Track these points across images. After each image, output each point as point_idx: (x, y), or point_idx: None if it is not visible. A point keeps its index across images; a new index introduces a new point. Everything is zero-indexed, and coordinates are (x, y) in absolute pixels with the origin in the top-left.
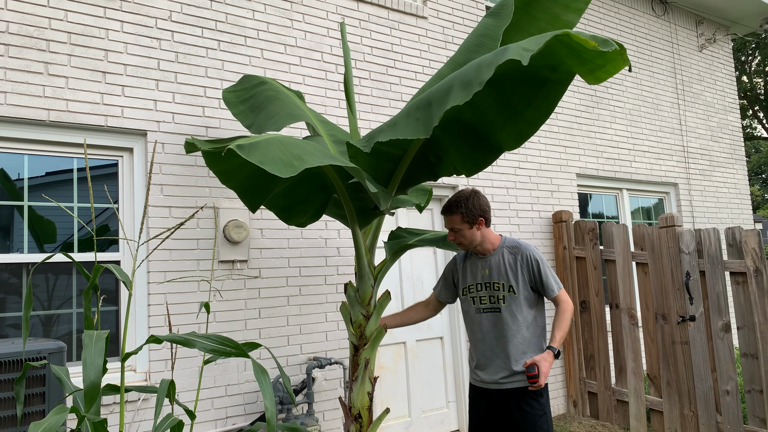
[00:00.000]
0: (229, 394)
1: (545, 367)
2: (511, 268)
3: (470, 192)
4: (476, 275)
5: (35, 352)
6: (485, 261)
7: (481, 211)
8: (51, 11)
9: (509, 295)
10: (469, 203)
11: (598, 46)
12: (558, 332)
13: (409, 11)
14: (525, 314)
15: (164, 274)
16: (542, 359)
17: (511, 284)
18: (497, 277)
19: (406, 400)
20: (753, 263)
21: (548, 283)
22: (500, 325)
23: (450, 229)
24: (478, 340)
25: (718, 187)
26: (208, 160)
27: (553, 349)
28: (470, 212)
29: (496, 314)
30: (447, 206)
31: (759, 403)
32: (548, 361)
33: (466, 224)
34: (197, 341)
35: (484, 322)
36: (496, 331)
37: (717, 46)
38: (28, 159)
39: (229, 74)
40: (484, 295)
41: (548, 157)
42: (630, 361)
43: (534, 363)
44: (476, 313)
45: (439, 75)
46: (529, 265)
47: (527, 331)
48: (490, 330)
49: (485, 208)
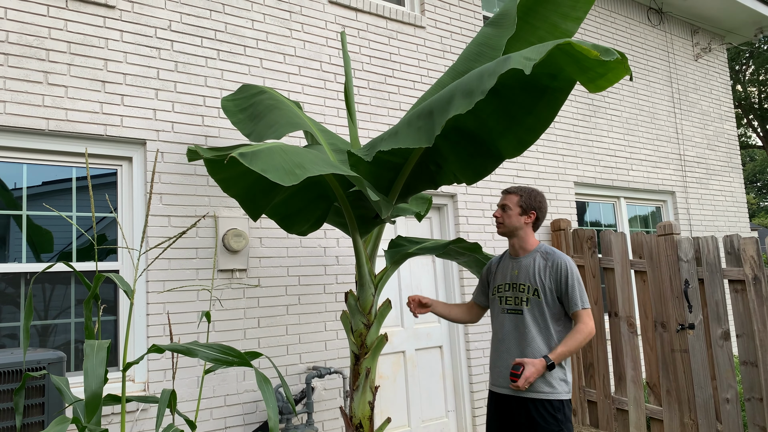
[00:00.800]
0: (228, 404)
1: (529, 372)
2: (540, 272)
3: (537, 190)
4: (506, 275)
5: (35, 363)
6: (517, 261)
7: (538, 206)
8: (51, 21)
9: (533, 299)
10: (532, 194)
11: (599, 55)
12: (562, 347)
13: (407, 21)
14: (548, 322)
15: (163, 283)
16: (531, 364)
17: (537, 288)
18: (524, 279)
19: (405, 410)
20: (751, 271)
21: (573, 295)
22: (521, 328)
23: (501, 206)
24: (498, 340)
25: (715, 195)
26: (210, 169)
27: (548, 359)
28: (529, 200)
29: (518, 316)
30: (510, 187)
31: (759, 411)
32: (536, 368)
33: (519, 208)
34: (199, 351)
35: (506, 322)
36: (516, 334)
37: (712, 56)
38: (27, 168)
39: (229, 83)
40: (510, 296)
41: (546, 165)
42: (629, 370)
43: (522, 363)
44: (500, 312)
45: (439, 84)
46: (558, 272)
47: (550, 340)
48: (511, 332)
49: (543, 209)
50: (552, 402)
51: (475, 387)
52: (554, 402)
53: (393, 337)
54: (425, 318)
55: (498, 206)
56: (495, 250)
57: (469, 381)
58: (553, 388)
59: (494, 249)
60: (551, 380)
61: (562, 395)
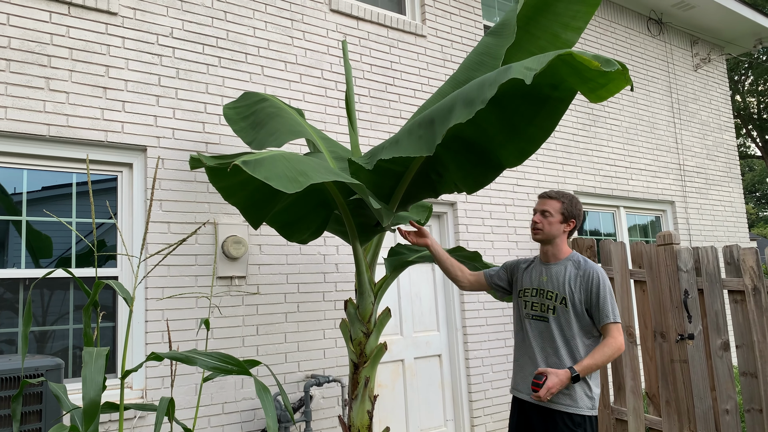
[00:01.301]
0: (226, 412)
1: (552, 383)
2: (570, 281)
3: (576, 197)
4: (534, 280)
5: (32, 369)
6: (547, 268)
7: (578, 214)
8: (53, 27)
9: (560, 307)
10: (574, 201)
11: (600, 65)
12: (588, 359)
13: (408, 30)
14: (576, 333)
15: (162, 290)
16: (555, 374)
17: (565, 296)
18: (552, 286)
19: (404, 419)
20: (751, 281)
21: (604, 307)
22: (546, 336)
23: (541, 211)
24: (522, 346)
25: (714, 205)
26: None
27: (572, 371)
28: (571, 207)
29: (544, 323)
30: (550, 192)
31: (759, 423)
32: (560, 379)
33: (560, 215)
34: (199, 358)
35: (530, 329)
36: (540, 341)
37: (712, 66)
38: (27, 174)
39: (230, 91)
40: (536, 302)
41: (546, 174)
42: (629, 380)
43: (545, 373)
44: (524, 317)
45: (440, 93)
46: (590, 282)
47: (575, 352)
48: (535, 339)
49: (581, 217)
50: (572, 416)
51: (473, 396)
52: (575, 416)
53: (392, 346)
54: (424, 326)
55: (536, 211)
56: (495, 259)
57: (468, 390)
58: (575, 402)
59: (494, 258)
60: (573, 393)
61: (583, 410)
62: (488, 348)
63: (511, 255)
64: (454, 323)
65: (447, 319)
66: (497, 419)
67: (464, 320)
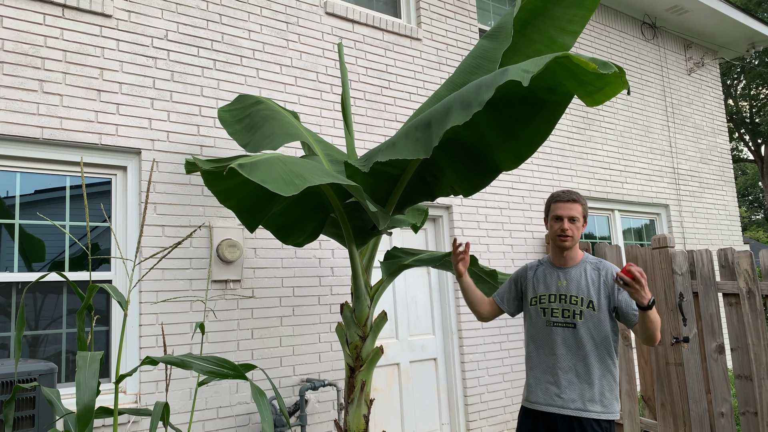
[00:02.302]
0: (221, 416)
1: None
2: (593, 283)
3: None
4: (550, 285)
5: (25, 374)
6: (564, 272)
7: (587, 213)
8: (47, 29)
9: (588, 311)
10: (584, 201)
11: (598, 68)
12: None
13: (403, 33)
14: (605, 336)
15: (156, 293)
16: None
17: (592, 299)
18: (576, 290)
19: (399, 423)
20: (746, 284)
21: (630, 306)
22: (576, 342)
23: (569, 218)
24: (542, 354)
25: (708, 209)
26: (207, 180)
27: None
28: (586, 208)
29: (571, 329)
30: (570, 194)
31: (754, 426)
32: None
33: (583, 218)
34: (194, 363)
35: (556, 337)
36: (566, 348)
37: (705, 70)
38: (21, 177)
39: (225, 93)
40: (557, 308)
41: (541, 177)
42: (624, 383)
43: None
44: (546, 325)
45: (436, 96)
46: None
47: (605, 356)
48: (560, 345)
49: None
50: (600, 422)
51: (469, 400)
52: (602, 422)
53: (387, 350)
54: (420, 330)
55: (563, 218)
56: (490, 262)
57: (464, 394)
58: (605, 408)
59: (489, 261)
60: (604, 399)
61: (612, 415)
62: (484, 351)
63: (507, 258)
64: (449, 327)
65: (443, 322)
66: (493, 423)
67: (460, 324)
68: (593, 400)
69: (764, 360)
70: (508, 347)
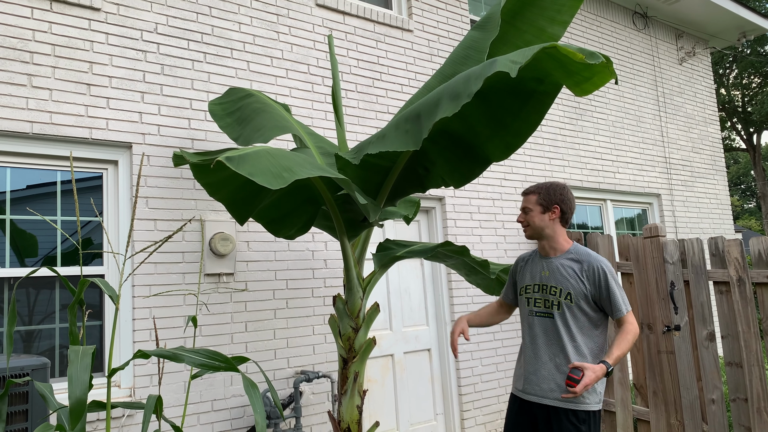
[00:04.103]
0: (216, 409)
1: (589, 379)
2: (573, 275)
3: (559, 182)
4: (534, 276)
5: (18, 369)
6: (548, 262)
7: (560, 199)
8: (35, 23)
9: (565, 303)
10: (551, 188)
11: (585, 58)
12: (617, 350)
13: (395, 24)
14: (582, 328)
15: (149, 287)
16: (591, 370)
17: (570, 291)
18: (555, 281)
19: (394, 413)
20: (736, 273)
21: (616, 300)
22: (551, 333)
23: (522, 209)
24: (526, 344)
25: (699, 198)
26: (196, 173)
27: (607, 365)
28: (548, 195)
29: (549, 320)
30: (528, 188)
31: (744, 412)
32: (596, 375)
33: (539, 206)
34: (186, 356)
35: (534, 325)
36: (546, 339)
37: (696, 60)
38: (11, 172)
39: (216, 86)
40: (539, 298)
41: (533, 168)
42: (616, 371)
43: (582, 368)
44: (528, 315)
45: (426, 87)
46: (596, 276)
47: (583, 347)
48: (540, 335)
49: (567, 201)
50: (577, 413)
51: (463, 390)
52: (579, 413)
53: (381, 341)
54: (413, 321)
55: (520, 210)
56: (483, 253)
57: (458, 384)
58: (582, 398)
59: (482, 252)
60: None
61: (590, 406)
62: (477, 342)
63: (500, 249)
64: (443, 318)
65: (436, 313)
66: (487, 412)
67: (453, 315)
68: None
69: (754, 347)
70: (501, 337)
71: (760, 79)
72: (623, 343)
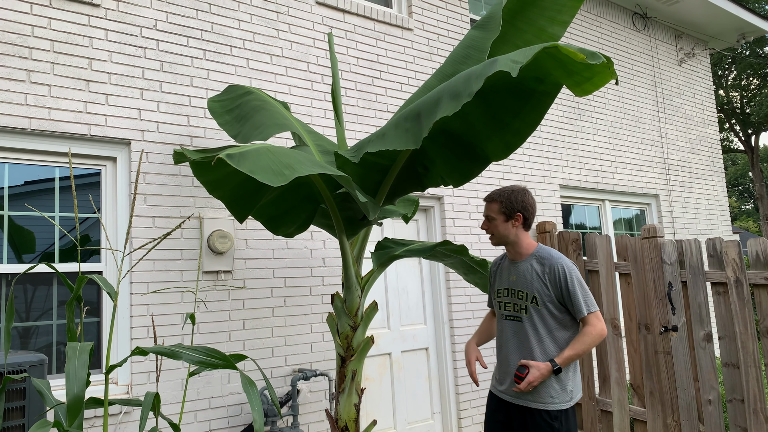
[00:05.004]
0: (213, 407)
1: (533, 377)
2: (538, 278)
3: (519, 187)
4: (503, 280)
5: (15, 365)
6: (515, 266)
7: (522, 207)
8: (34, 19)
9: (532, 306)
10: (513, 196)
11: (586, 58)
12: (569, 350)
13: (394, 23)
14: (551, 330)
15: (147, 285)
16: (536, 368)
17: (535, 295)
18: (521, 286)
19: (391, 412)
20: (734, 274)
21: (576, 301)
22: (520, 336)
23: (485, 217)
24: (500, 346)
25: (698, 199)
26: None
27: (554, 364)
28: (510, 203)
29: (518, 323)
30: (490, 194)
31: (740, 413)
32: (541, 372)
33: (502, 215)
34: (184, 353)
35: (505, 329)
36: (516, 342)
37: (696, 61)
38: (9, 168)
39: (215, 84)
40: (509, 302)
41: (532, 168)
42: (614, 372)
43: (527, 366)
44: (500, 318)
45: (426, 86)
46: (556, 277)
47: (552, 349)
48: (511, 339)
49: (528, 207)
50: (549, 412)
51: (461, 389)
52: (552, 412)
53: (379, 339)
54: (411, 320)
55: (483, 217)
56: (481, 252)
57: (455, 383)
58: (552, 399)
59: (480, 251)
60: (550, 390)
61: (561, 405)
62: None
63: (498, 249)
64: (440, 317)
65: (434, 312)
66: (483, 411)
67: (451, 314)
68: (540, 392)
69: (751, 348)
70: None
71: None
72: (577, 345)
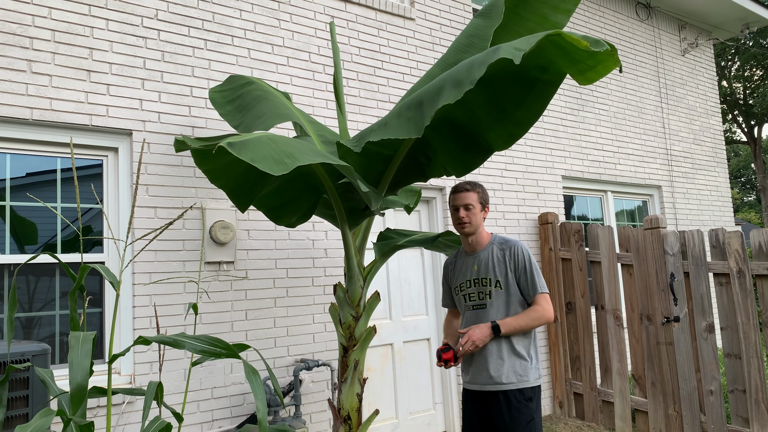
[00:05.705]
0: (216, 397)
1: (475, 334)
2: (500, 263)
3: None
4: (466, 273)
5: (19, 355)
6: (475, 257)
7: (488, 198)
8: (35, 8)
9: (495, 291)
10: (483, 188)
11: (589, 46)
12: (513, 319)
13: (396, 12)
14: (514, 312)
15: (150, 275)
16: (477, 327)
17: (498, 279)
18: (485, 273)
19: (393, 402)
20: (736, 264)
21: (533, 281)
22: (484, 321)
23: (463, 206)
24: None
25: (700, 190)
26: (198, 159)
27: (494, 323)
28: (485, 194)
29: (483, 310)
30: (464, 184)
31: (742, 403)
32: (481, 330)
33: (480, 204)
34: (186, 342)
35: (470, 319)
36: None
37: (699, 51)
38: (11, 158)
39: (216, 74)
40: (474, 292)
41: (534, 159)
42: (615, 362)
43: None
44: (465, 310)
45: (429, 75)
46: (516, 259)
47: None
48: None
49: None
50: (523, 391)
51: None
52: (525, 390)
53: (381, 330)
54: (413, 310)
55: (459, 207)
56: None
57: (457, 373)
58: (520, 378)
59: None
60: (517, 369)
61: (531, 382)
62: None
63: None
64: (442, 308)
65: (436, 303)
66: None
67: None
68: (508, 374)
69: (753, 339)
70: None
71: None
72: (523, 317)
